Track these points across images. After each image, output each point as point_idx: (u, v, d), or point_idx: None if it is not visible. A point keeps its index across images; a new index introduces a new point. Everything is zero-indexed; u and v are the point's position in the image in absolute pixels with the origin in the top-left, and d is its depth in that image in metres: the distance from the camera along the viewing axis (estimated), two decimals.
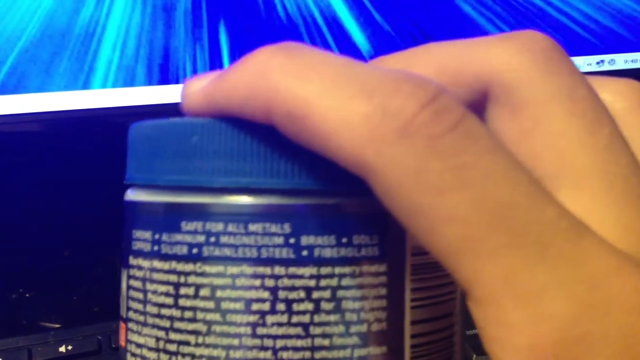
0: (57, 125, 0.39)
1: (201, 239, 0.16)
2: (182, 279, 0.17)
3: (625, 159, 0.16)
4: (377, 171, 0.14)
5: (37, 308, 0.39)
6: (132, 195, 0.18)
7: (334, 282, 0.16)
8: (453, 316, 0.18)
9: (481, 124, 0.15)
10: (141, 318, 0.17)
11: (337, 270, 0.16)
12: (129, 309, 0.18)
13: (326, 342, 0.16)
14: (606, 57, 0.46)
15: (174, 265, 0.17)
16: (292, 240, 0.16)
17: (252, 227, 0.16)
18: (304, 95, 0.15)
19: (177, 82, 0.39)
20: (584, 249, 0.14)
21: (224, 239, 0.16)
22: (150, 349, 0.17)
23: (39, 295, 0.40)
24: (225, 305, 0.16)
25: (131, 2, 0.37)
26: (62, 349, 0.34)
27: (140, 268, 0.17)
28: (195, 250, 0.16)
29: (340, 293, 0.16)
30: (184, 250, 0.17)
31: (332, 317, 0.16)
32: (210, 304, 0.16)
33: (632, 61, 0.46)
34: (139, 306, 0.17)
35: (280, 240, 0.16)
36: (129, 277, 0.18)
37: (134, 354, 0.17)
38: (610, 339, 0.14)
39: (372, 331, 0.17)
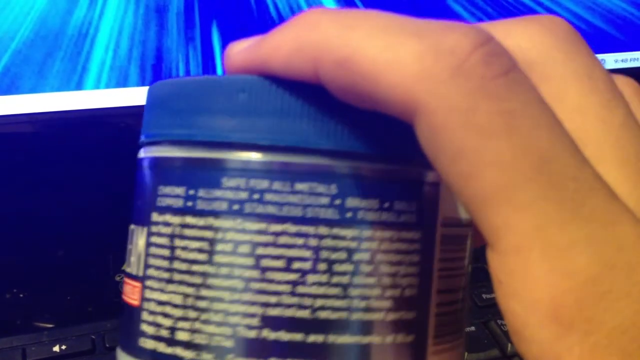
0: (50, 126, 0.39)
1: (243, 195, 0.16)
2: (219, 235, 0.16)
3: (638, 138, 0.16)
4: (426, 110, 0.14)
5: (31, 308, 0.39)
6: (159, 151, 0.18)
7: (374, 245, 0.16)
8: (465, 290, 0.19)
9: (528, 77, 0.15)
10: (166, 275, 0.17)
11: (378, 234, 0.16)
12: (148, 266, 0.17)
13: (363, 304, 0.16)
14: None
15: (210, 221, 0.16)
16: (337, 202, 0.16)
17: (299, 186, 0.16)
18: (353, 41, 0.15)
19: None
20: (614, 211, 0.14)
21: (268, 197, 0.16)
22: (175, 306, 0.17)
23: (33, 295, 0.40)
24: (265, 262, 0.16)
25: (124, 3, 0.38)
26: (56, 348, 0.34)
27: (167, 224, 0.17)
28: (235, 207, 0.16)
29: (379, 257, 0.17)
30: (224, 206, 0.16)
31: (370, 280, 0.16)
32: (249, 261, 0.16)
33: (622, 61, 0.46)
34: (164, 263, 0.17)
35: (326, 200, 0.16)
36: (151, 234, 0.17)
37: (152, 312, 0.17)
38: (630, 299, 0.14)
39: (404, 296, 0.17)
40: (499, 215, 0.14)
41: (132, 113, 0.39)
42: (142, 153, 0.19)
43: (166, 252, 0.17)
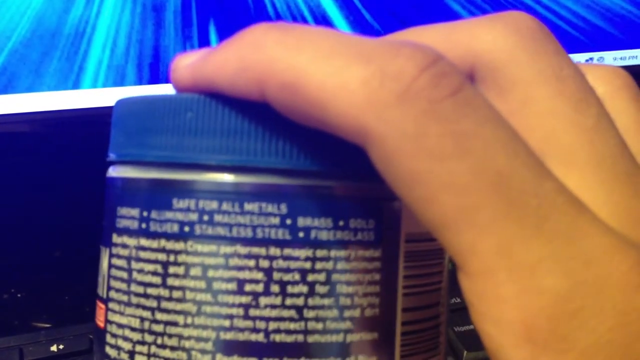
0: (47, 126, 0.39)
1: (193, 217, 0.16)
2: (172, 258, 0.16)
3: (612, 139, 0.16)
4: (376, 136, 0.14)
5: (28, 308, 0.39)
6: (117, 171, 0.18)
7: (329, 265, 0.16)
8: (440, 306, 0.18)
9: (480, 93, 0.15)
10: (124, 298, 0.17)
11: (333, 253, 0.16)
12: (110, 288, 0.17)
13: (319, 325, 0.16)
14: (595, 55, 0.46)
15: (162, 243, 0.16)
16: (288, 221, 0.16)
17: (248, 207, 0.16)
18: (299, 64, 0.15)
19: (167, 81, 0.39)
20: (580, 225, 0.14)
21: (217, 218, 0.16)
22: (133, 329, 0.17)
23: (30, 295, 0.40)
24: (216, 285, 0.16)
25: (121, 1, 0.37)
26: (54, 348, 0.34)
27: (125, 246, 0.17)
28: (186, 229, 0.16)
29: (335, 277, 0.16)
30: (175, 228, 0.16)
31: (326, 301, 0.16)
32: (201, 284, 0.16)
33: (621, 59, 0.46)
34: (123, 285, 0.17)
35: (276, 220, 0.16)
36: (112, 255, 0.17)
37: (114, 335, 0.17)
38: (604, 316, 0.13)
39: (365, 316, 0.16)
40: (461, 238, 0.14)
41: None
42: (108, 172, 0.19)
43: (124, 275, 0.17)
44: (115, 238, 0.17)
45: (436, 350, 0.18)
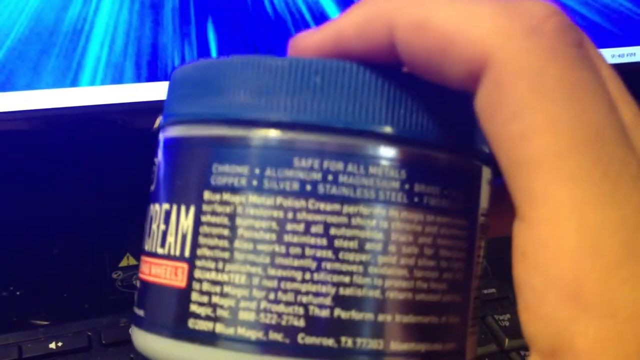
0: (45, 123, 0.39)
1: (316, 176, 0.16)
2: (290, 215, 0.16)
3: None
4: (498, 63, 0.15)
5: (27, 305, 0.39)
6: (214, 129, 0.18)
7: (434, 229, 0.17)
8: (481, 278, 0.19)
9: (599, 54, 0.15)
10: (224, 255, 0.17)
11: (438, 219, 0.17)
12: (198, 246, 0.17)
13: (425, 285, 0.17)
14: None
15: (279, 200, 0.17)
16: (407, 186, 0.17)
17: (372, 170, 0.17)
18: (428, 5, 0.16)
19: (165, 78, 0.39)
20: None
21: (342, 178, 0.17)
22: (237, 286, 0.17)
23: (28, 292, 0.40)
24: (338, 243, 0.16)
25: None
26: (53, 345, 0.34)
27: (225, 203, 0.17)
28: (308, 187, 0.16)
29: (439, 241, 0.17)
30: (295, 186, 0.17)
31: (431, 263, 0.17)
32: (323, 241, 0.16)
33: (619, 56, 0.46)
34: (221, 243, 0.17)
35: (397, 184, 0.17)
36: (202, 212, 0.17)
37: (206, 293, 0.17)
38: None
39: (455, 279, 0.18)
40: (539, 181, 0.14)
41: (128, 110, 0.39)
42: (185, 131, 0.18)
43: (224, 232, 0.17)
44: (210, 195, 0.17)
45: (479, 319, 0.19)
